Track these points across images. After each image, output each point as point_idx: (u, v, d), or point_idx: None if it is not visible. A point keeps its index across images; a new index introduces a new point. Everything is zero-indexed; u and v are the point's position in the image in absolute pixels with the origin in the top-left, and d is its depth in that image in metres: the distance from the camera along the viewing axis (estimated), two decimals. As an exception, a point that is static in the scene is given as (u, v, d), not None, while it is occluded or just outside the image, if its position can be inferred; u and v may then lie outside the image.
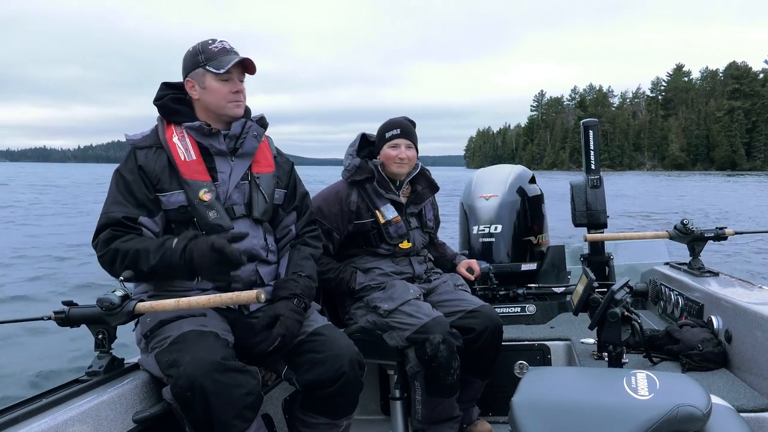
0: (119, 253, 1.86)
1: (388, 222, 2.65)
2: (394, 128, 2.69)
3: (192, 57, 2.06)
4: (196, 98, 2.08)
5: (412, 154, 2.69)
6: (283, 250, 2.24)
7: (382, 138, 2.71)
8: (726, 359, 2.29)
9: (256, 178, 2.13)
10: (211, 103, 2.06)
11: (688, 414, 1.35)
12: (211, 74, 2.03)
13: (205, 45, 2.07)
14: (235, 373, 1.72)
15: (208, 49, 2.05)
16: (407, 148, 2.67)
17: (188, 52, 2.09)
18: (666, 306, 3.03)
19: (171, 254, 1.81)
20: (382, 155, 2.69)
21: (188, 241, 1.81)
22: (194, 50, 2.07)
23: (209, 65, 2.03)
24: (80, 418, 1.57)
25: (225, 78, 2.04)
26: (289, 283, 2.10)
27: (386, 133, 2.70)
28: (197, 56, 2.05)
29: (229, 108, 2.07)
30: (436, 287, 2.74)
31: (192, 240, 1.82)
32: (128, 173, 1.99)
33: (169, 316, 1.87)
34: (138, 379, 1.84)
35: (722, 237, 3.06)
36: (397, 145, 2.67)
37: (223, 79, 2.04)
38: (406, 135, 2.68)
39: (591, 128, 3.80)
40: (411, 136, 2.70)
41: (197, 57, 2.05)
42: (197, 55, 2.05)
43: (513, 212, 3.50)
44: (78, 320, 1.78)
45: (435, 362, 2.38)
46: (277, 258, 2.22)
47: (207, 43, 2.07)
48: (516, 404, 1.48)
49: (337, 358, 1.95)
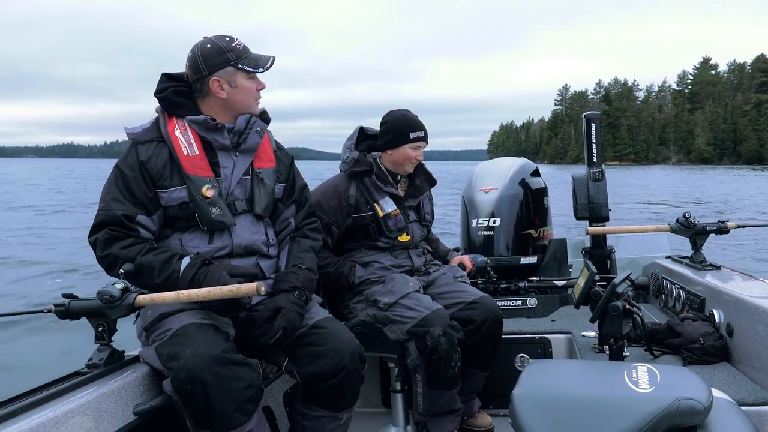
0: (119, 261, 1.86)
1: (386, 215, 2.65)
2: (419, 130, 2.69)
3: (219, 55, 2.01)
4: (222, 97, 2.04)
5: None
6: (282, 243, 2.23)
7: (403, 135, 2.66)
8: (727, 353, 2.28)
9: (258, 173, 2.12)
10: (239, 101, 2.06)
11: (689, 407, 1.35)
12: (243, 73, 2.03)
13: (229, 43, 2.03)
14: (236, 365, 1.72)
15: (234, 48, 2.02)
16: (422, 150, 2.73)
17: (209, 48, 2.02)
18: (667, 299, 3.02)
19: (177, 279, 1.82)
20: (399, 152, 2.67)
21: (197, 271, 1.82)
22: (218, 48, 2.01)
23: (242, 63, 2.02)
24: (80, 411, 1.57)
25: (253, 76, 2.06)
26: (290, 275, 2.09)
27: (411, 133, 2.66)
28: (225, 54, 2.01)
29: (254, 105, 2.10)
30: (436, 279, 2.74)
31: (200, 268, 1.83)
32: (128, 169, 1.96)
33: (170, 308, 1.86)
34: (138, 371, 1.84)
35: (724, 230, 3.05)
36: (419, 147, 2.70)
37: (252, 77, 2.06)
38: (426, 138, 2.72)
39: (593, 121, 3.80)
40: (427, 138, 2.74)
41: (226, 55, 2.01)
42: (225, 53, 2.01)
43: (513, 205, 3.49)
44: (78, 313, 1.78)
45: (436, 355, 2.38)
46: (277, 252, 2.21)
47: (229, 41, 2.04)
48: (516, 397, 1.48)
49: (338, 351, 1.95)
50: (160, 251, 1.90)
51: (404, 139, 2.66)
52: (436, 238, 3.12)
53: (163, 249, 1.93)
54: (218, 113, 2.06)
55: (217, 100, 2.05)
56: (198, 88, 2.05)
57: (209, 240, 2.00)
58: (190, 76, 2.05)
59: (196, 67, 2.02)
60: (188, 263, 1.85)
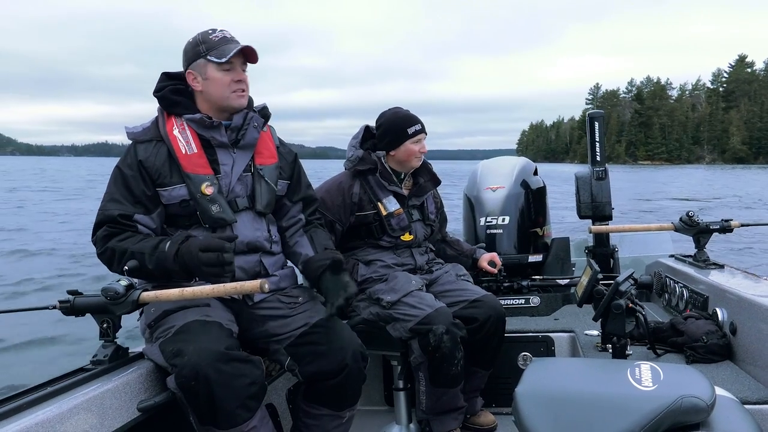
0: (116, 253, 1.87)
1: (390, 214, 2.65)
2: (416, 124, 2.69)
3: (193, 48, 2.03)
4: (198, 90, 2.04)
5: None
6: (294, 237, 2.25)
7: (401, 133, 2.66)
8: (731, 351, 2.28)
9: (259, 169, 2.12)
10: (213, 94, 2.03)
11: (692, 405, 1.35)
12: (213, 64, 2.00)
13: (205, 35, 2.03)
14: (239, 362, 1.72)
15: (208, 39, 2.02)
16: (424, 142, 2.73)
17: (188, 43, 2.06)
18: (671, 298, 3.02)
19: (165, 258, 1.82)
20: (401, 151, 2.67)
21: (180, 245, 1.82)
22: (194, 41, 2.04)
23: (210, 55, 2.00)
24: (85, 407, 1.58)
25: (227, 68, 2.01)
26: (327, 252, 2.17)
27: (408, 129, 2.67)
28: (198, 46, 2.02)
29: (232, 98, 2.03)
30: (439, 278, 2.74)
31: (183, 243, 1.82)
32: (127, 168, 1.97)
33: (173, 305, 1.87)
34: (142, 368, 1.84)
35: (728, 229, 3.05)
36: (420, 140, 2.70)
37: (225, 69, 2.01)
38: (424, 129, 2.73)
39: (596, 120, 3.80)
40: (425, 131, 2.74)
41: (198, 47, 2.02)
42: (198, 46, 2.02)
43: (519, 204, 3.49)
44: (83, 309, 1.79)
45: (438, 353, 2.39)
46: (280, 248, 2.22)
47: (207, 33, 2.04)
48: (519, 395, 1.48)
49: (339, 350, 1.95)
50: (152, 239, 1.91)
51: (403, 136, 2.66)
52: (457, 239, 3.12)
53: (156, 237, 1.94)
54: (209, 110, 2.06)
55: (199, 95, 2.06)
56: (187, 85, 2.08)
57: None
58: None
59: (183, 63, 2.07)
60: (170, 241, 1.85)
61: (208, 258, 1.77)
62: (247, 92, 2.08)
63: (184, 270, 1.81)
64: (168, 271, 1.83)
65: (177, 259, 1.80)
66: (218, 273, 1.79)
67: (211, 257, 1.77)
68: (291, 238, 2.25)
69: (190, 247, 1.80)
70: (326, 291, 2.08)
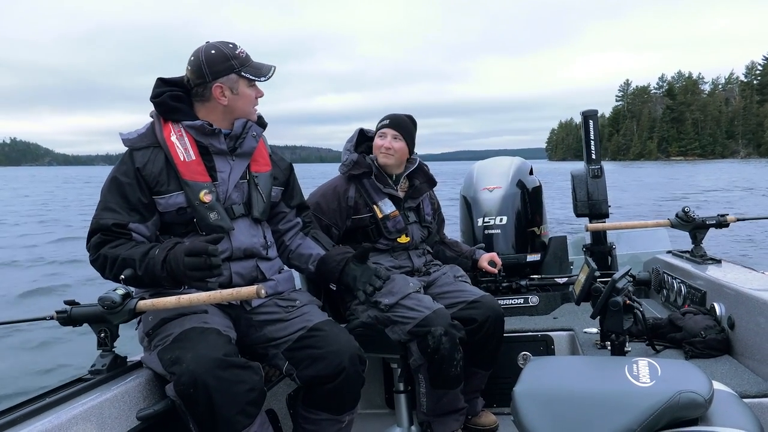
0: (108, 260, 1.86)
1: (386, 217, 2.66)
2: (385, 119, 2.73)
3: (223, 62, 2.01)
4: (224, 103, 2.04)
5: (399, 146, 2.69)
6: (295, 239, 2.31)
7: (376, 129, 2.75)
8: (729, 346, 2.28)
9: (254, 177, 2.13)
10: (239, 108, 2.07)
11: (690, 400, 1.35)
12: (245, 80, 2.05)
13: (233, 50, 2.04)
14: (238, 369, 1.72)
15: (237, 55, 2.04)
16: (393, 138, 2.69)
17: (214, 55, 2.01)
18: (669, 294, 3.02)
19: (154, 264, 1.80)
20: (374, 146, 2.73)
21: (168, 251, 1.80)
22: (223, 55, 2.02)
23: (244, 71, 2.04)
24: (84, 417, 1.58)
25: (253, 84, 2.09)
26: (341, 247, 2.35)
27: (378, 123, 2.74)
28: (229, 61, 2.02)
29: (252, 113, 2.12)
30: (436, 279, 2.74)
31: (171, 249, 1.80)
32: (123, 176, 1.96)
33: (171, 313, 1.87)
34: (141, 376, 1.84)
35: (724, 224, 3.06)
36: (384, 135, 2.69)
37: (252, 85, 2.09)
38: (394, 126, 2.70)
39: (591, 118, 3.82)
40: (400, 128, 2.70)
41: (230, 62, 2.02)
42: (229, 60, 2.02)
43: (516, 204, 3.50)
44: (80, 319, 1.79)
45: (438, 354, 2.39)
46: (276, 253, 2.22)
47: (233, 48, 2.05)
48: (517, 393, 1.48)
49: (337, 354, 1.95)
50: (144, 245, 1.89)
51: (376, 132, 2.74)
52: (455, 241, 3.13)
53: (148, 244, 1.92)
54: (216, 118, 2.06)
55: (216, 106, 2.06)
56: (200, 93, 2.06)
57: None
58: (192, 80, 2.05)
59: (200, 72, 2.02)
60: (160, 248, 1.83)
61: (193, 262, 1.74)
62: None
63: (171, 276, 1.78)
64: (157, 278, 1.80)
65: (165, 266, 1.77)
66: (203, 277, 1.76)
67: (195, 261, 1.74)
68: (292, 240, 2.28)
69: (176, 253, 1.77)
70: (355, 280, 2.24)
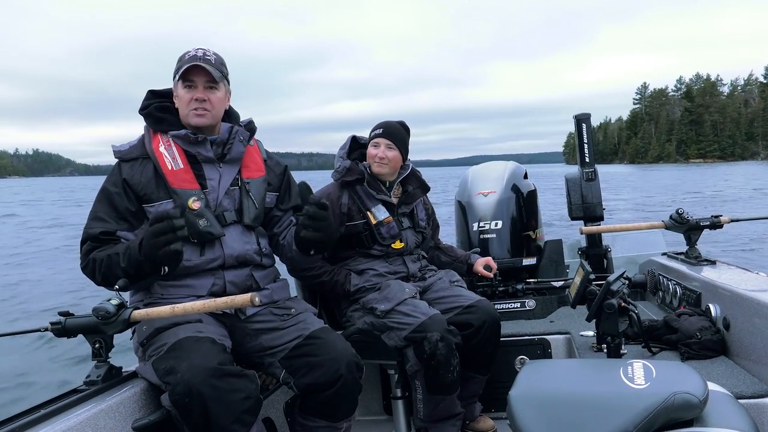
0: (96, 263, 1.89)
1: (379, 223, 2.66)
2: (378, 128, 2.72)
3: (176, 68, 2.06)
4: (177, 107, 2.08)
5: (393, 155, 2.68)
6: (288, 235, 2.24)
7: (369, 138, 2.74)
8: (725, 347, 2.28)
9: (246, 183, 2.13)
10: (180, 112, 2.07)
11: (685, 401, 1.35)
12: (179, 82, 2.04)
13: (183, 55, 2.06)
14: (233, 377, 1.72)
15: (182, 58, 2.05)
16: (387, 148, 2.68)
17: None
18: (664, 296, 3.03)
19: (133, 251, 1.80)
20: (367, 154, 2.72)
21: (142, 237, 1.80)
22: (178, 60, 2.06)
23: (177, 73, 2.04)
24: (79, 428, 1.57)
25: (188, 85, 2.03)
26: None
27: (371, 132, 2.73)
28: (177, 65, 2.05)
29: (190, 116, 2.03)
30: (432, 284, 2.74)
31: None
32: (112, 186, 2.00)
33: (165, 323, 1.86)
34: (136, 387, 1.83)
35: (718, 225, 3.07)
36: (378, 144, 2.69)
37: (187, 87, 2.03)
38: (387, 135, 2.69)
39: (584, 121, 3.84)
40: (393, 137, 2.69)
41: (176, 66, 2.05)
42: (177, 64, 2.05)
43: (511, 208, 3.50)
44: (74, 330, 1.78)
45: (434, 360, 2.38)
46: (272, 261, 2.22)
47: (185, 53, 2.06)
48: (513, 397, 1.48)
49: (334, 362, 1.94)
50: (128, 242, 1.90)
51: (369, 140, 2.72)
52: (450, 246, 3.13)
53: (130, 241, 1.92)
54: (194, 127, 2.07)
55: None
56: (173, 101, 2.10)
57: (201, 252, 2.00)
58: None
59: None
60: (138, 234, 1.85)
61: (156, 228, 1.73)
62: (209, 111, 2.04)
63: (148, 258, 1.76)
64: (139, 265, 1.79)
65: (141, 250, 1.78)
66: (168, 241, 1.72)
67: (159, 226, 1.73)
68: (286, 237, 2.26)
69: (145, 230, 1.78)
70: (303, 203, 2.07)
